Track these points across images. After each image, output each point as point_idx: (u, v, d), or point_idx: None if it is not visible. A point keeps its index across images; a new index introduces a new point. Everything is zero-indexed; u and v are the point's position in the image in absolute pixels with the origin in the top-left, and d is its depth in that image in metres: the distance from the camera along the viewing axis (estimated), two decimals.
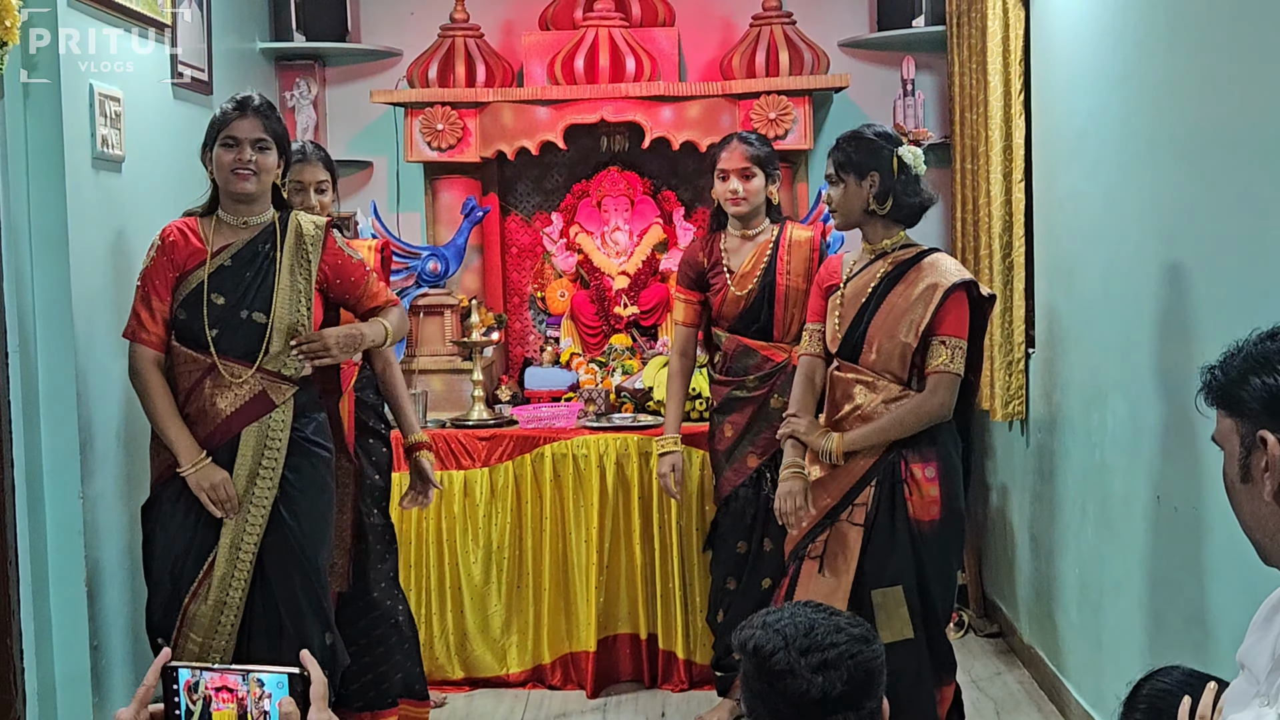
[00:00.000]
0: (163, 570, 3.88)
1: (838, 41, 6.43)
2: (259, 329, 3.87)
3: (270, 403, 3.88)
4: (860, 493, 3.92)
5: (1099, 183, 4.37)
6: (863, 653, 2.03)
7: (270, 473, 3.87)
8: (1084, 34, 4.51)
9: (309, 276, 3.96)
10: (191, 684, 1.84)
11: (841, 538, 3.93)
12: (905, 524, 3.88)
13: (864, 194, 3.99)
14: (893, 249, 4.02)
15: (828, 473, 3.98)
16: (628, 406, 5.56)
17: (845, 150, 4.01)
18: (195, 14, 5.14)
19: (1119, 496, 4.25)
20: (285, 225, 3.97)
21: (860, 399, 3.95)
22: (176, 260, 3.87)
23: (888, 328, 3.92)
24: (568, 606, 5.33)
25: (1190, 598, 3.68)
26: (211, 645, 3.84)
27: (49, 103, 4.04)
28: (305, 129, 6.46)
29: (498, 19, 6.48)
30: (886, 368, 3.93)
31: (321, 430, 4.03)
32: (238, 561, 3.84)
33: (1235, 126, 3.29)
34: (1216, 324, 3.37)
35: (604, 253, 6.27)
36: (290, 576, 3.90)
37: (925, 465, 3.91)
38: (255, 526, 3.86)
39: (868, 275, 4.02)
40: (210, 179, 3.94)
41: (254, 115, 3.88)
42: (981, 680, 5.31)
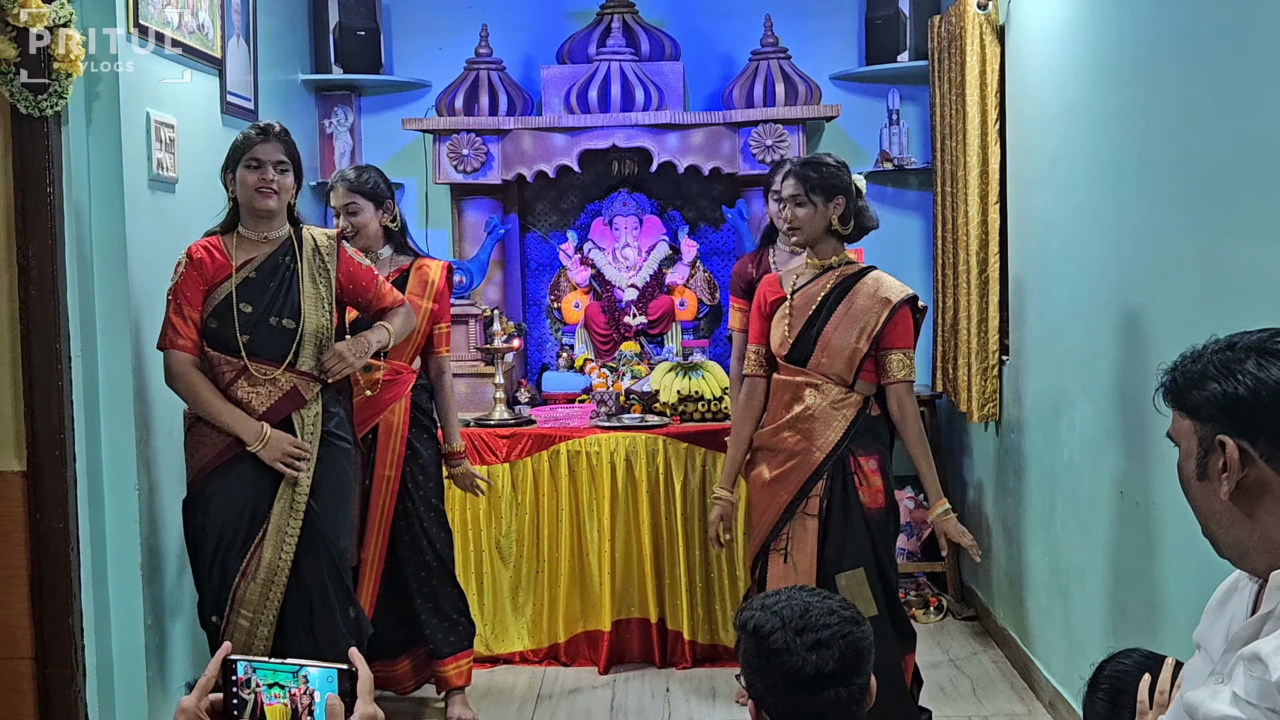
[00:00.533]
0: (214, 554, 3.89)
1: (829, 74, 6.44)
2: (289, 334, 3.91)
3: (301, 398, 3.92)
4: (814, 486, 3.98)
5: (1067, 205, 4.38)
6: (853, 633, 2.04)
7: (307, 462, 3.90)
8: (1055, 69, 4.52)
9: (329, 284, 4.01)
10: (244, 680, 1.84)
11: (800, 529, 3.98)
12: (860, 511, 3.96)
13: (828, 215, 4.01)
14: (839, 264, 4.07)
15: (782, 470, 4.02)
16: (636, 408, 5.57)
17: (814, 174, 4.00)
18: (243, 48, 5.16)
19: (1084, 492, 4.26)
20: (300, 239, 4.01)
21: (809, 400, 4.00)
22: (205, 275, 3.88)
23: (841, 332, 3.97)
24: (583, 590, 5.33)
25: (1150, 584, 3.68)
26: (260, 620, 3.85)
27: (109, 128, 4.06)
28: (342, 154, 6.47)
29: (519, 53, 6.49)
30: (836, 370, 3.98)
31: (343, 424, 4.07)
32: (284, 545, 3.86)
33: (1192, 154, 3.30)
34: (1174, 336, 3.37)
35: (615, 267, 6.28)
36: (317, 558, 3.92)
37: (869, 459, 4.01)
38: (299, 511, 3.88)
39: (817, 287, 4.06)
40: (230, 198, 3.98)
41: (275, 140, 3.94)
42: (959, 660, 5.31)
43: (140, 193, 4.20)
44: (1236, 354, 1.76)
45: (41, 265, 3.83)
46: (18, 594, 3.88)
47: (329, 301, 3.99)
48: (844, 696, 2.02)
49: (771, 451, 4.07)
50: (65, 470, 3.87)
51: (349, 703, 1.81)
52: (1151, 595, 3.67)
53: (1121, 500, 3.89)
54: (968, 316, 5.30)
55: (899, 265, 6.11)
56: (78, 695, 3.93)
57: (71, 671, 3.91)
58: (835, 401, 3.98)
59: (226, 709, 1.84)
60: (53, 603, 3.89)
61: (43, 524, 3.86)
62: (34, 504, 3.86)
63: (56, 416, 3.85)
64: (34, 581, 3.88)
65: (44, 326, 3.84)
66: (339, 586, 3.97)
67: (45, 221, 3.82)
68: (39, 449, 3.86)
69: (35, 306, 3.84)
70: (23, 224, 3.82)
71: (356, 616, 4.06)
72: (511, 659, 5.38)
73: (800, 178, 4.00)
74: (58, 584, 3.88)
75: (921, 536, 6.12)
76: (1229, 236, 3.08)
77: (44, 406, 3.85)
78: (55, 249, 3.84)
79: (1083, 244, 4.23)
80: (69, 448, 3.88)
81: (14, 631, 3.89)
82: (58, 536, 3.87)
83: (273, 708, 1.83)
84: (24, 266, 3.83)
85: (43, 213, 3.82)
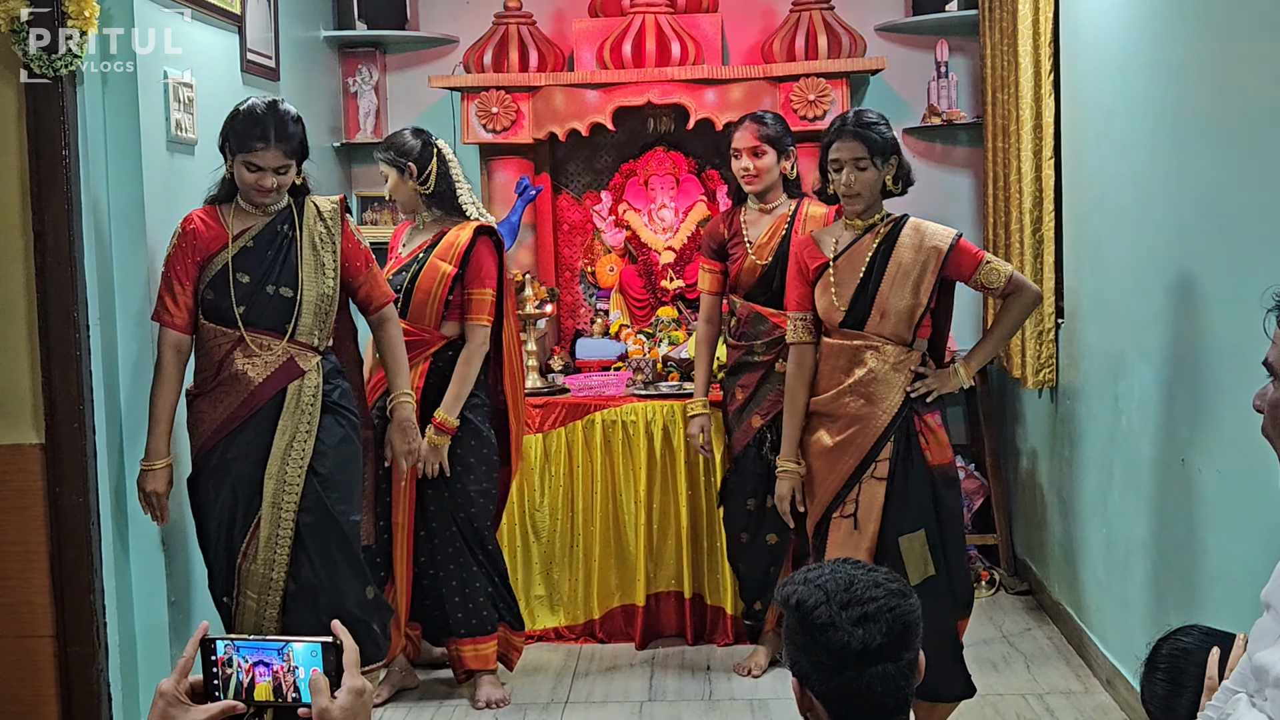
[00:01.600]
0: (218, 536, 3.93)
1: (874, 26, 6.39)
2: (287, 303, 3.92)
3: (299, 369, 3.93)
4: (882, 449, 3.98)
5: (1126, 160, 4.33)
6: (900, 606, 2.02)
7: (305, 433, 3.91)
8: (1112, 17, 4.46)
9: (334, 250, 4.01)
10: (225, 659, 1.85)
11: (870, 493, 3.98)
12: (923, 472, 3.98)
13: (883, 176, 4.01)
14: (879, 222, 4.06)
15: (845, 435, 4.01)
16: (674, 375, 5.56)
17: (876, 137, 3.98)
18: (263, 4, 5.15)
19: (1144, 459, 4.22)
20: (301, 208, 4.00)
21: (871, 363, 4.00)
22: (199, 246, 3.89)
23: (897, 291, 3.98)
24: (619, 564, 5.34)
25: (1214, 556, 3.65)
26: (267, 600, 3.88)
27: (126, 89, 4.07)
28: (367, 113, 6.47)
29: (549, 6, 6.46)
30: (895, 331, 3.99)
31: (346, 395, 4.08)
32: (280, 521, 3.87)
33: (1258, 106, 3.25)
34: (1236, 297, 3.33)
35: (651, 229, 6.26)
36: (324, 533, 3.93)
37: (932, 415, 4.05)
38: (294, 486, 3.88)
39: (860, 248, 4.05)
40: (228, 170, 3.95)
41: (277, 144, 3.86)
42: (1012, 635, 5.29)
43: (158, 155, 4.20)
44: None
45: (57, 232, 3.84)
46: (38, 570, 3.91)
47: (333, 269, 4.00)
48: (892, 672, 2.00)
49: (832, 418, 4.06)
50: (84, 443, 3.89)
51: (335, 676, 1.82)
52: (1216, 568, 3.64)
53: (1183, 468, 3.85)
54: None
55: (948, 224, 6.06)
56: (100, 674, 3.96)
57: (93, 650, 3.94)
58: (896, 363, 3.99)
59: (207, 690, 1.85)
60: (73, 579, 3.91)
61: (62, 498, 3.89)
62: (53, 478, 3.89)
63: (75, 387, 3.87)
64: (54, 558, 3.91)
65: (61, 295, 3.86)
66: (350, 562, 3.98)
67: (60, 186, 3.83)
68: (57, 421, 3.88)
69: (51, 274, 3.85)
70: (37, 189, 3.83)
71: (375, 597, 4.06)
72: (547, 635, 5.39)
73: (864, 140, 3.97)
74: (78, 560, 3.90)
75: (973, 508, 6.10)
76: None
77: (62, 377, 3.87)
78: (71, 215, 3.85)
79: (1141, 201, 4.19)
80: (88, 419, 3.90)
81: (34, 609, 3.92)
82: (78, 511, 3.89)
83: (259, 685, 1.85)
84: (39, 233, 3.84)
85: (58, 177, 3.83)
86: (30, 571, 3.91)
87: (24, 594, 3.92)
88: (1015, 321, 4.17)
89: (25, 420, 3.91)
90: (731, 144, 4.81)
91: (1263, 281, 3.05)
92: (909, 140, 6.40)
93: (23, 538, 3.90)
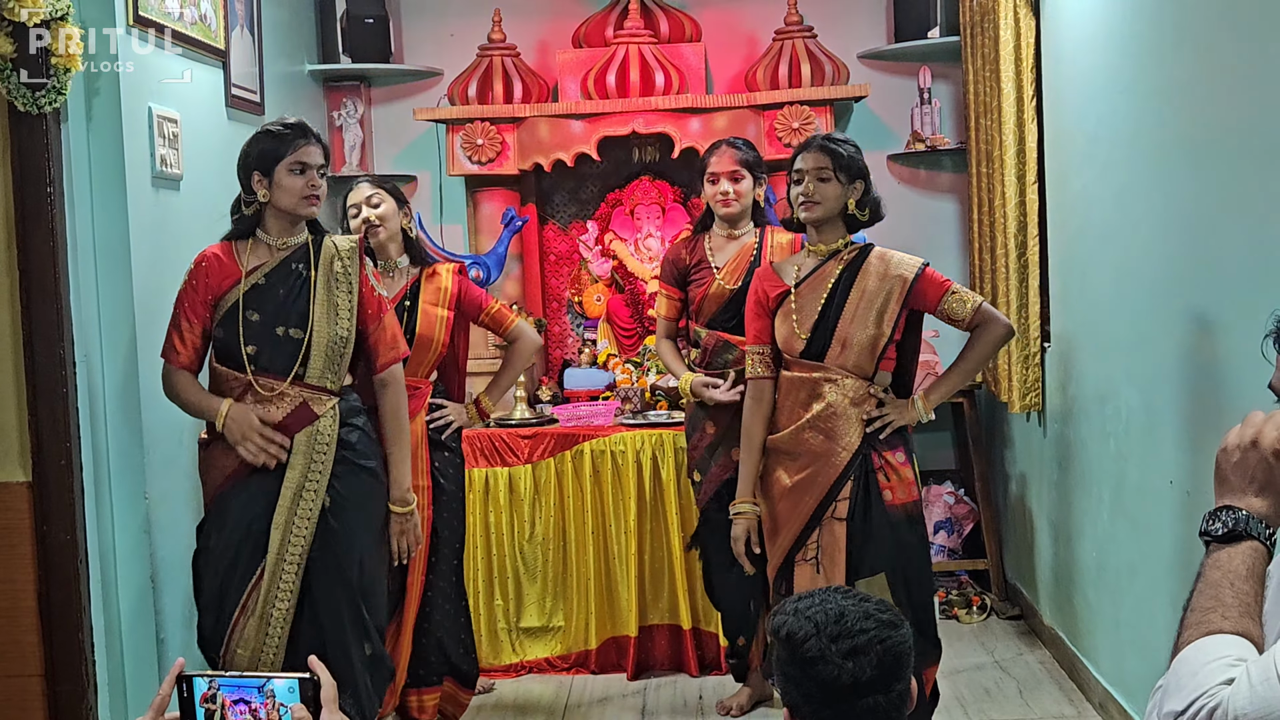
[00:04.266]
0: (212, 586, 3.77)
1: (857, 53, 6.41)
2: (295, 344, 3.75)
3: (313, 414, 3.76)
4: (842, 488, 3.90)
5: (1109, 184, 4.34)
6: (891, 638, 2.01)
7: (316, 484, 3.73)
8: (1093, 41, 4.48)
9: (349, 291, 3.84)
10: (209, 695, 1.84)
11: (831, 535, 3.90)
12: (882, 513, 3.88)
13: (847, 197, 3.97)
14: (843, 249, 4.01)
15: (805, 474, 3.94)
16: (662, 404, 5.55)
17: (842, 152, 3.95)
18: (247, 39, 5.16)
19: (1133, 483, 4.22)
20: (319, 247, 3.85)
21: (830, 397, 3.92)
22: (211, 284, 3.75)
23: (859, 321, 3.91)
24: (610, 595, 5.32)
25: None
26: (261, 659, 3.70)
27: (110, 124, 4.07)
28: (352, 147, 6.47)
29: (533, 38, 6.47)
30: (856, 363, 3.92)
31: (365, 439, 3.89)
32: (283, 574, 3.70)
33: (1240, 127, 3.26)
34: (1224, 320, 3.34)
35: (637, 258, 6.27)
36: (334, 590, 3.77)
37: (894, 451, 3.95)
38: (300, 539, 3.71)
39: (823, 275, 4.00)
40: (256, 201, 3.78)
41: (317, 142, 3.79)
42: (1005, 661, 5.28)
43: (143, 191, 4.20)
44: None
45: (43, 268, 3.84)
46: (26, 609, 3.89)
47: (348, 310, 3.82)
48: (883, 704, 1.99)
49: (791, 455, 3.99)
50: (72, 480, 3.88)
51: (314, 711, 1.82)
52: None
53: (1172, 490, 3.85)
54: (1007, 302, 5.26)
55: (932, 250, 6.06)
56: (89, 713, 3.93)
57: (82, 689, 3.92)
58: (856, 397, 3.92)
59: None
60: (62, 618, 3.89)
61: (50, 536, 3.87)
62: (40, 516, 3.87)
63: (62, 424, 3.86)
64: (42, 596, 3.89)
65: (46, 331, 3.85)
66: (355, 621, 3.80)
67: (46, 223, 3.82)
68: (44, 458, 3.86)
69: (37, 311, 3.84)
70: (23, 226, 3.83)
71: (375, 653, 3.88)
72: (539, 667, 5.36)
73: (829, 152, 3.95)
74: (66, 598, 3.88)
75: (962, 533, 6.09)
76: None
77: (48, 414, 3.86)
78: (56, 251, 3.85)
79: (1127, 224, 4.19)
80: (75, 457, 3.89)
81: (23, 648, 3.90)
82: (65, 549, 3.88)
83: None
84: (25, 270, 3.84)
85: (43, 214, 3.82)
86: (18, 610, 3.89)
87: (12, 633, 3.90)
88: (981, 356, 4.06)
89: (12, 458, 3.89)
90: (707, 168, 4.74)
91: (1248, 303, 3.06)
92: (893, 166, 6.42)
93: (10, 576, 3.88)
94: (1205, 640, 1.68)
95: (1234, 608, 1.70)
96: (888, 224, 4.18)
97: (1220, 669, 1.63)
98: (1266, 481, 1.76)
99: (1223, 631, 1.69)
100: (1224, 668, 1.63)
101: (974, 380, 5.88)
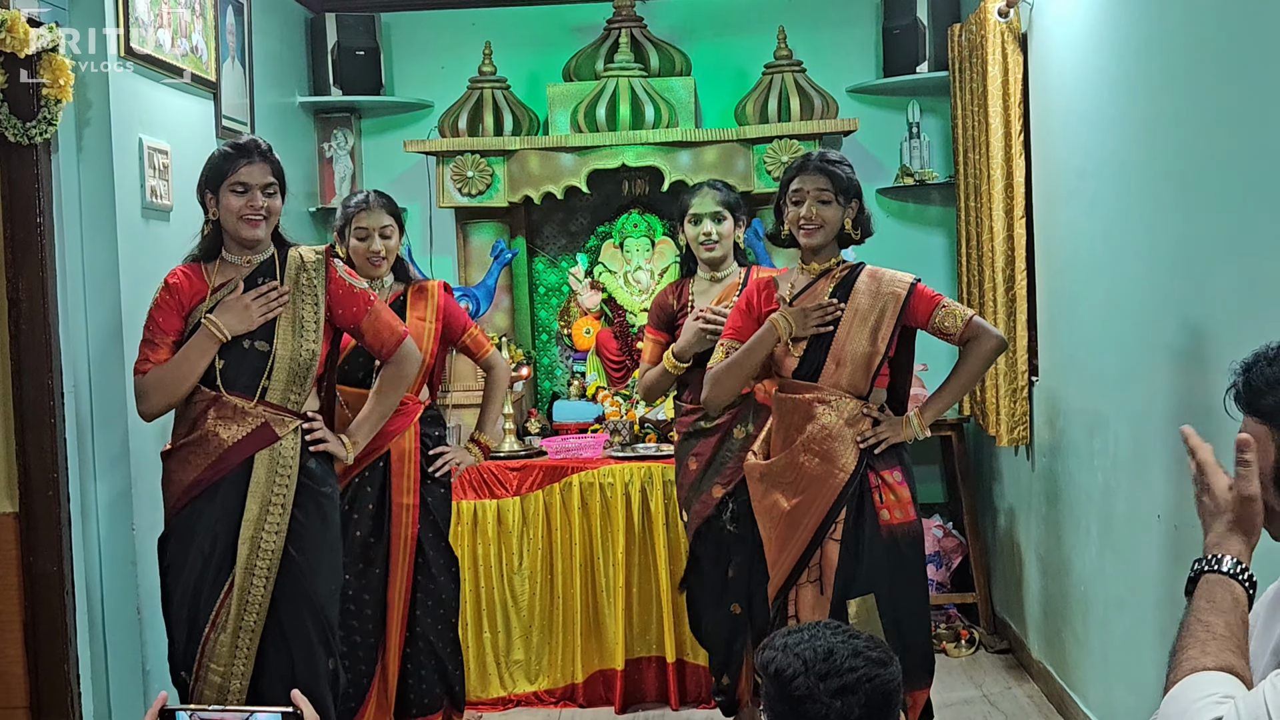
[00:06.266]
0: (181, 603, 3.73)
1: (846, 87, 6.44)
2: (261, 358, 3.72)
3: (274, 434, 3.73)
4: (841, 510, 3.86)
5: (1097, 218, 4.36)
6: (880, 676, 2.00)
7: (281, 500, 3.72)
8: (1080, 76, 4.50)
9: (316, 304, 3.81)
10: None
11: (831, 555, 3.87)
12: (875, 532, 3.84)
13: (844, 217, 3.95)
14: (834, 267, 4.00)
15: (803, 497, 3.89)
16: (651, 437, 5.55)
17: (841, 173, 3.94)
18: (238, 70, 5.17)
19: (1121, 517, 4.22)
20: (284, 259, 3.83)
21: (825, 419, 3.88)
22: (182, 300, 3.73)
23: (853, 338, 3.89)
24: (598, 628, 5.31)
25: None
26: (233, 673, 3.69)
27: (101, 156, 4.07)
28: (343, 178, 6.49)
29: (523, 71, 6.49)
30: (851, 381, 3.89)
31: (323, 466, 3.87)
32: (252, 587, 3.68)
33: (1226, 162, 3.28)
34: (1211, 353, 3.34)
35: (627, 291, 6.27)
36: (300, 612, 3.75)
37: (891, 470, 3.90)
38: (269, 552, 3.69)
39: (815, 292, 3.98)
40: (210, 220, 3.79)
41: (262, 160, 3.75)
42: (993, 695, 5.27)
43: (133, 221, 4.20)
44: None
45: (32, 298, 3.83)
46: (11, 640, 3.87)
47: (314, 326, 3.80)
48: None
49: (787, 480, 3.93)
50: (59, 511, 3.86)
51: None
52: None
53: (1159, 524, 3.85)
54: None
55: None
56: None
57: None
58: (851, 418, 3.88)
59: None
60: (48, 649, 3.87)
61: (36, 567, 3.86)
62: (27, 546, 3.86)
63: (49, 455, 3.85)
64: (28, 627, 3.87)
65: (35, 361, 3.84)
66: (321, 639, 3.79)
67: (36, 253, 3.82)
68: (31, 489, 3.85)
69: (26, 341, 3.83)
70: (12, 256, 3.83)
71: (335, 669, 3.88)
72: (527, 700, 5.34)
73: (829, 174, 3.92)
74: (52, 630, 3.86)
75: (951, 566, 6.08)
76: (1267, 249, 3.05)
77: (36, 445, 3.85)
78: (46, 281, 3.84)
79: (1114, 258, 4.20)
80: (62, 487, 3.88)
81: (8, 680, 3.87)
82: (52, 580, 3.86)
83: None
84: (14, 300, 3.83)
85: (33, 244, 3.82)
86: (4, 642, 3.87)
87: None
88: (975, 370, 4.00)
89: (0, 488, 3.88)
90: (689, 210, 4.71)
91: (1236, 337, 3.07)
92: (882, 200, 6.44)
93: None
94: (1191, 678, 1.68)
95: (1213, 643, 1.71)
96: (877, 257, 4.19)
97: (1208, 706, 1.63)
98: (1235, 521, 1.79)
99: (1207, 668, 1.69)
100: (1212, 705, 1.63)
101: (962, 412, 5.89)
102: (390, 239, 4.49)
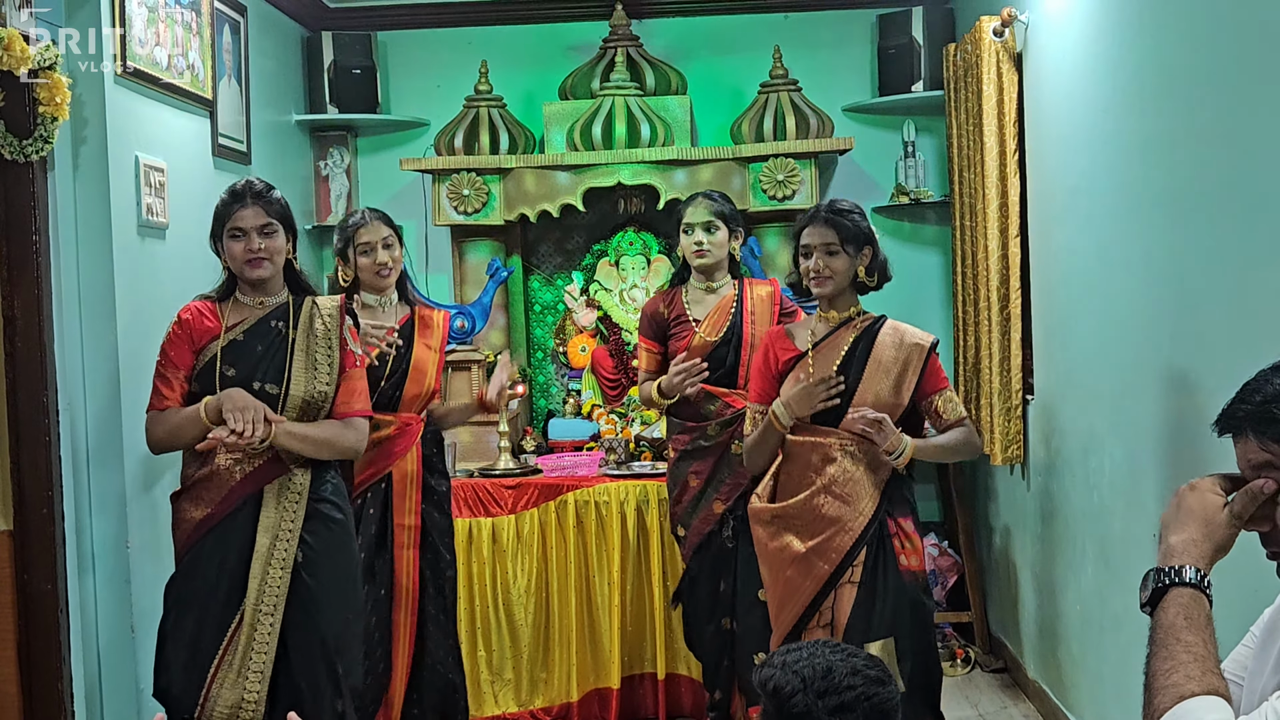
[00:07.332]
0: (179, 642, 3.69)
1: (841, 106, 6.45)
2: (271, 400, 3.72)
3: (284, 466, 3.75)
4: (858, 554, 3.86)
5: (1091, 237, 4.36)
6: (878, 694, 2.00)
7: (290, 533, 3.72)
8: (1075, 96, 4.51)
9: (331, 349, 3.84)
10: None
11: (841, 601, 3.86)
12: (896, 577, 3.85)
13: (855, 266, 3.96)
14: (855, 316, 4.02)
15: (819, 540, 3.88)
16: (646, 455, 5.55)
17: (848, 223, 3.94)
18: (234, 89, 5.17)
19: (1117, 536, 4.22)
20: (299, 306, 3.86)
21: (845, 463, 3.89)
22: (194, 337, 3.76)
23: (875, 389, 3.91)
24: (594, 647, 5.29)
25: None
26: (240, 716, 3.65)
27: (97, 173, 4.07)
28: (339, 196, 6.49)
29: (519, 89, 6.50)
30: None
31: (338, 491, 3.88)
32: (259, 624, 3.66)
33: (1221, 181, 3.28)
34: (1206, 371, 3.35)
35: (622, 309, 6.28)
36: (310, 645, 3.73)
37: (905, 519, 3.93)
38: (277, 585, 3.68)
39: (837, 341, 3.99)
40: (225, 266, 3.84)
41: (254, 203, 3.77)
42: (988, 715, 5.26)
43: (129, 239, 4.20)
44: None
45: (28, 316, 3.82)
46: (5, 659, 3.85)
47: (327, 368, 3.82)
48: None
49: (802, 522, 3.92)
50: (54, 529, 3.85)
51: None
52: None
53: (1154, 544, 3.84)
54: (989, 355, 5.28)
55: (917, 303, 6.10)
56: None
57: None
58: (870, 462, 3.89)
59: None
60: (42, 669, 3.85)
61: (31, 586, 3.84)
62: (21, 565, 3.84)
63: (44, 473, 3.83)
64: (22, 646, 3.85)
65: (31, 379, 3.83)
66: (330, 676, 3.76)
67: (31, 271, 3.81)
68: (26, 507, 3.83)
69: (21, 359, 3.82)
70: (8, 273, 3.82)
71: (343, 711, 3.81)
72: (522, 719, 5.33)
73: (834, 226, 3.93)
74: (47, 649, 3.85)
75: (947, 585, 6.08)
76: (1261, 267, 3.05)
77: (31, 463, 3.83)
78: (42, 299, 3.83)
79: (1108, 277, 4.21)
80: (57, 506, 3.86)
81: (2, 699, 3.85)
82: (46, 599, 3.84)
83: None
84: (9, 318, 3.82)
85: (28, 262, 3.81)
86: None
87: None
88: (955, 443, 4.01)
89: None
90: (683, 219, 4.75)
91: (1230, 356, 3.07)
92: (877, 219, 6.44)
93: None
94: (1181, 706, 1.68)
95: (1196, 665, 1.71)
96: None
97: None
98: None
99: (1195, 694, 1.69)
100: None
101: None
102: (393, 248, 4.51)
